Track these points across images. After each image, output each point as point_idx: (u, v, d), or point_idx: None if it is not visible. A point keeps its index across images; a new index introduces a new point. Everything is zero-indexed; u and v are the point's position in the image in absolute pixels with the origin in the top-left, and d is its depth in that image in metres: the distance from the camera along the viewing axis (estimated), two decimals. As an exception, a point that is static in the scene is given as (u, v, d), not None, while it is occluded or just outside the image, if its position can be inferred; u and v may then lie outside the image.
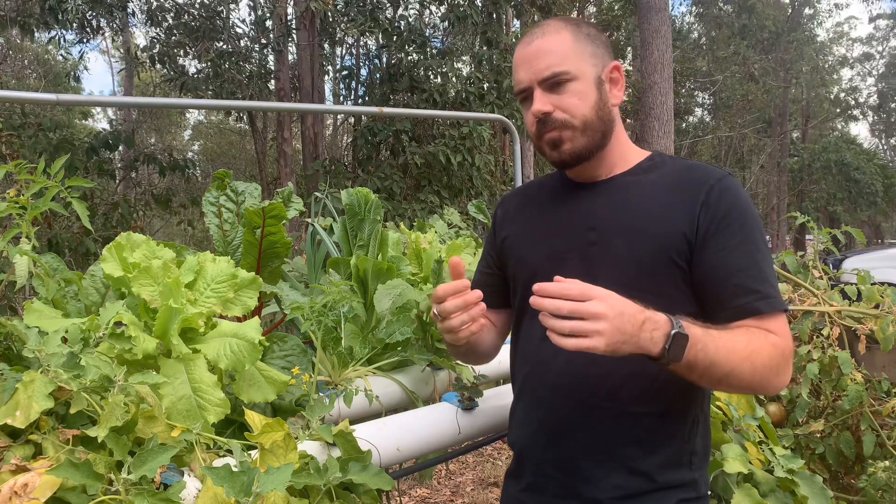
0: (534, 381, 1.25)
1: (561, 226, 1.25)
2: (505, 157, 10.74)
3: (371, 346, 1.76)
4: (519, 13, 9.95)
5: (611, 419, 1.16)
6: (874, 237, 26.36)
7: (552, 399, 1.21)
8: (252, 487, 0.95)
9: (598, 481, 1.16)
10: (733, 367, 1.03)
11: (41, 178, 1.41)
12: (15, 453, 0.95)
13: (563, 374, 1.18)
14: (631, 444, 1.16)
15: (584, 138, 1.19)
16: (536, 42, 1.20)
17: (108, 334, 1.17)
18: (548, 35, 1.20)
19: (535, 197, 1.36)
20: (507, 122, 3.60)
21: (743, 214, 1.14)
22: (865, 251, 10.00)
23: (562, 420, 1.20)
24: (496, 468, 4.51)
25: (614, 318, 0.93)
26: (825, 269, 2.67)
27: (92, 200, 7.74)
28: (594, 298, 0.94)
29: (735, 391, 1.11)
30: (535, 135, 1.22)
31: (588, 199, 1.25)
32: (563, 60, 1.17)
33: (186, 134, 24.59)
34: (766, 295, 1.10)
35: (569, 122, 1.18)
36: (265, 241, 1.77)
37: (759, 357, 1.05)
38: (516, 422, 1.32)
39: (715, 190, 1.15)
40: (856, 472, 2.30)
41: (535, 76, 1.18)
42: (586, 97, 1.18)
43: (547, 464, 1.22)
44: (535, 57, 1.19)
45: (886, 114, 29.59)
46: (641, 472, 1.15)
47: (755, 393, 1.11)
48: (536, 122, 1.20)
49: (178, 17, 10.07)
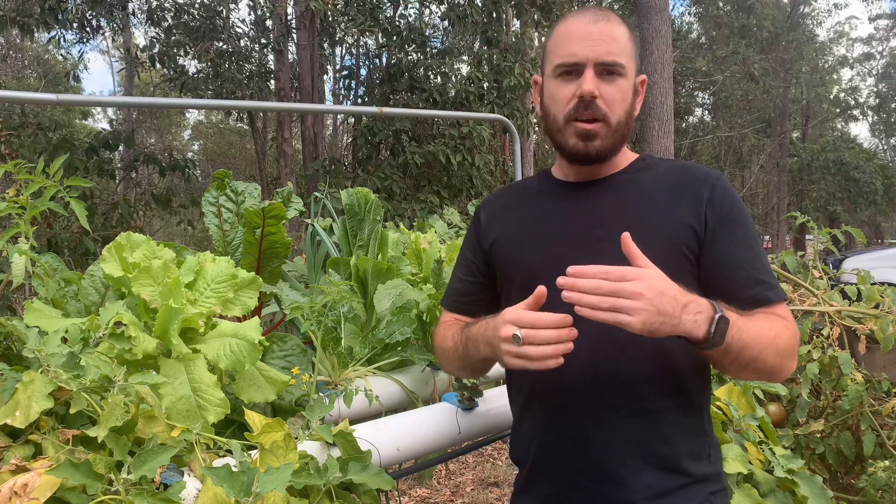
0: (546, 387, 1.21)
1: (561, 225, 1.24)
2: (505, 156, 10.75)
3: (371, 346, 1.76)
4: (519, 13, 9.95)
5: (635, 417, 1.15)
6: (874, 237, 26.35)
7: (571, 404, 1.18)
8: (252, 487, 0.95)
9: (628, 483, 1.13)
10: (761, 349, 1.05)
11: (40, 178, 1.41)
12: (15, 453, 0.95)
13: (582, 377, 1.15)
14: (657, 441, 1.15)
15: (612, 139, 1.19)
16: (603, 24, 1.17)
17: (108, 334, 1.16)
18: (613, 22, 1.18)
19: (523, 198, 1.34)
20: (507, 122, 3.60)
21: (742, 212, 1.19)
22: (865, 251, 9.99)
23: (584, 425, 1.17)
24: (496, 468, 4.51)
25: (653, 297, 0.94)
26: (825, 269, 2.67)
27: (91, 200, 7.74)
28: (633, 279, 0.95)
29: (755, 376, 1.12)
30: (566, 116, 1.18)
31: (589, 197, 1.24)
32: (623, 53, 1.17)
33: (186, 134, 24.61)
34: (773, 285, 1.15)
35: (607, 117, 1.17)
36: (265, 241, 1.77)
37: (781, 340, 1.09)
38: (525, 434, 1.27)
39: (717, 188, 1.18)
40: (856, 472, 2.30)
41: (596, 56, 1.15)
42: (626, 97, 1.18)
43: (571, 472, 1.18)
44: (600, 38, 1.15)
45: (886, 114, 29.59)
46: (671, 468, 1.14)
47: (772, 378, 1.12)
48: (576, 103, 1.16)
49: (178, 16, 10.07)
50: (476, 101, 8.98)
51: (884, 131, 30.99)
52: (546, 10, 9.81)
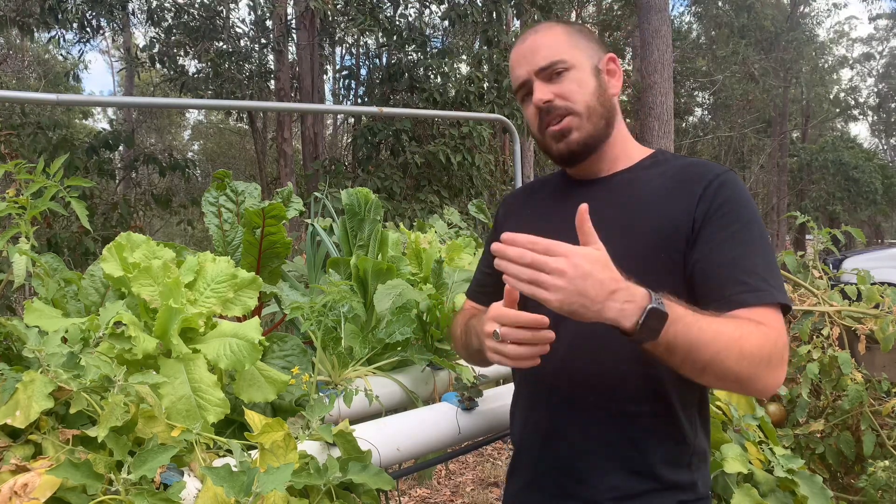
0: (531, 379, 1.25)
1: (562, 223, 1.25)
2: (505, 156, 10.75)
3: (371, 346, 1.76)
4: (519, 13, 9.95)
5: (607, 419, 1.15)
6: (874, 237, 26.35)
7: (548, 398, 1.21)
8: (252, 487, 0.95)
9: (594, 482, 1.15)
10: (718, 350, 0.96)
11: (40, 178, 1.41)
12: (15, 453, 0.95)
13: (559, 373, 1.17)
14: (627, 445, 1.15)
15: (590, 125, 1.19)
16: (531, 38, 1.23)
17: (108, 334, 1.16)
18: (541, 31, 1.23)
19: (538, 195, 1.37)
20: (507, 122, 3.60)
21: (739, 208, 1.12)
22: (865, 251, 10.00)
23: (557, 420, 1.19)
24: (496, 468, 4.51)
25: (575, 277, 0.90)
26: (825, 269, 2.67)
27: (91, 200, 7.74)
28: (559, 255, 0.91)
29: (722, 384, 1.04)
30: (539, 128, 1.22)
31: (587, 197, 1.24)
32: (558, 51, 1.19)
33: (186, 134, 24.62)
34: (756, 287, 1.06)
35: (571, 109, 1.18)
36: (265, 241, 1.77)
37: (748, 343, 0.98)
38: (516, 420, 1.33)
39: (713, 184, 1.13)
40: (856, 472, 2.30)
41: (533, 67, 1.20)
42: (585, 84, 1.19)
43: (543, 463, 1.22)
44: (531, 51, 1.21)
45: (886, 114, 29.59)
46: (639, 473, 1.14)
47: (746, 388, 1.01)
48: (539, 114, 1.20)
49: (178, 16, 10.06)
50: (476, 100, 8.97)
51: (884, 131, 30.98)
52: (546, 10, 9.80)
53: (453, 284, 1.96)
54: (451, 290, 1.94)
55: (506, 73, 9.10)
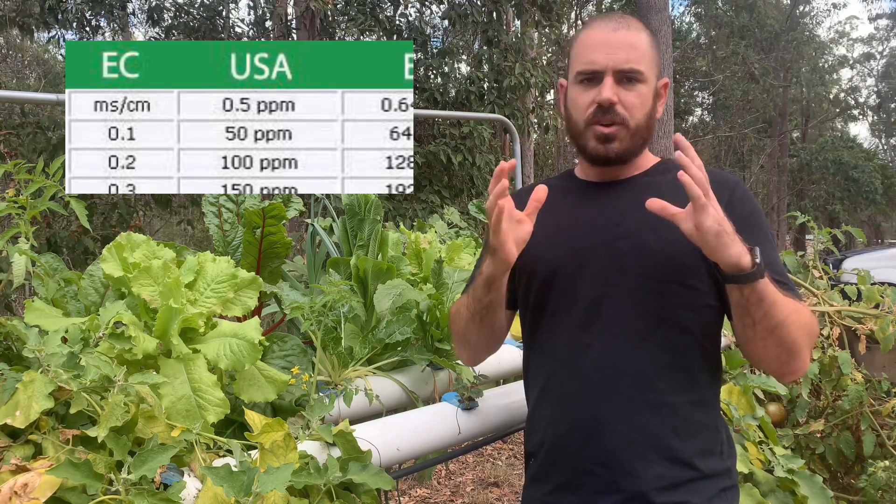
0: (562, 377, 1.24)
1: (583, 224, 1.27)
2: (505, 156, 10.75)
3: (371, 346, 1.76)
4: (519, 12, 9.95)
5: (649, 410, 1.17)
6: (874, 237, 26.35)
7: (587, 394, 1.20)
8: (252, 487, 0.95)
9: (640, 473, 1.16)
10: (788, 314, 1.06)
11: (40, 178, 1.41)
12: (15, 453, 0.95)
13: (599, 368, 1.19)
14: (670, 434, 1.17)
15: (632, 142, 1.22)
16: (622, 32, 1.21)
17: (108, 334, 1.16)
18: (633, 30, 1.22)
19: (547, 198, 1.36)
20: (508, 122, 3.60)
21: (761, 217, 1.22)
22: (865, 251, 10.00)
23: (600, 414, 1.19)
24: (496, 468, 4.51)
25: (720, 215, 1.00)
26: (825, 269, 2.67)
27: (91, 200, 7.73)
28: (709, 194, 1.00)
29: (779, 350, 1.11)
30: (585, 119, 1.22)
31: (611, 197, 1.27)
32: (641, 60, 1.20)
33: (186, 134, 24.57)
34: (792, 287, 1.16)
35: (626, 121, 1.20)
36: (265, 241, 1.77)
37: (803, 317, 1.10)
38: (540, 422, 1.30)
39: (737, 193, 1.21)
40: (856, 472, 2.30)
41: (615, 64, 1.18)
42: (645, 102, 1.21)
43: (585, 460, 1.21)
44: (619, 46, 1.19)
45: (886, 114, 29.59)
46: (683, 461, 1.16)
47: (792, 361, 1.10)
48: (595, 108, 1.20)
49: (178, 16, 10.06)
50: (476, 101, 8.97)
51: (884, 131, 30.98)
52: (546, 10, 9.80)
53: (453, 284, 1.96)
54: (451, 290, 1.94)
55: (506, 73, 9.10)
